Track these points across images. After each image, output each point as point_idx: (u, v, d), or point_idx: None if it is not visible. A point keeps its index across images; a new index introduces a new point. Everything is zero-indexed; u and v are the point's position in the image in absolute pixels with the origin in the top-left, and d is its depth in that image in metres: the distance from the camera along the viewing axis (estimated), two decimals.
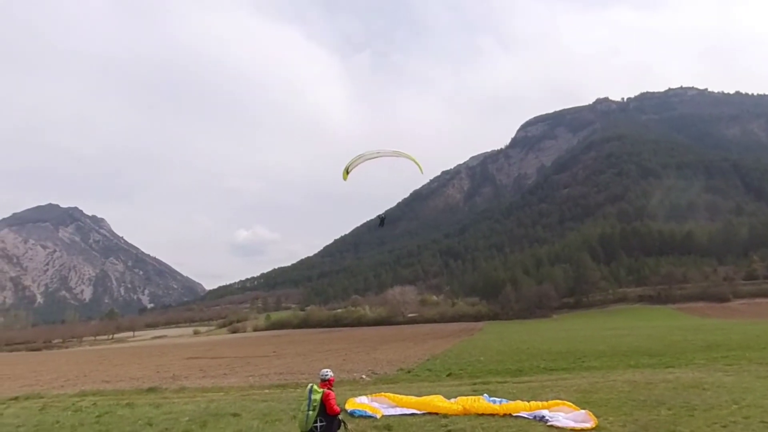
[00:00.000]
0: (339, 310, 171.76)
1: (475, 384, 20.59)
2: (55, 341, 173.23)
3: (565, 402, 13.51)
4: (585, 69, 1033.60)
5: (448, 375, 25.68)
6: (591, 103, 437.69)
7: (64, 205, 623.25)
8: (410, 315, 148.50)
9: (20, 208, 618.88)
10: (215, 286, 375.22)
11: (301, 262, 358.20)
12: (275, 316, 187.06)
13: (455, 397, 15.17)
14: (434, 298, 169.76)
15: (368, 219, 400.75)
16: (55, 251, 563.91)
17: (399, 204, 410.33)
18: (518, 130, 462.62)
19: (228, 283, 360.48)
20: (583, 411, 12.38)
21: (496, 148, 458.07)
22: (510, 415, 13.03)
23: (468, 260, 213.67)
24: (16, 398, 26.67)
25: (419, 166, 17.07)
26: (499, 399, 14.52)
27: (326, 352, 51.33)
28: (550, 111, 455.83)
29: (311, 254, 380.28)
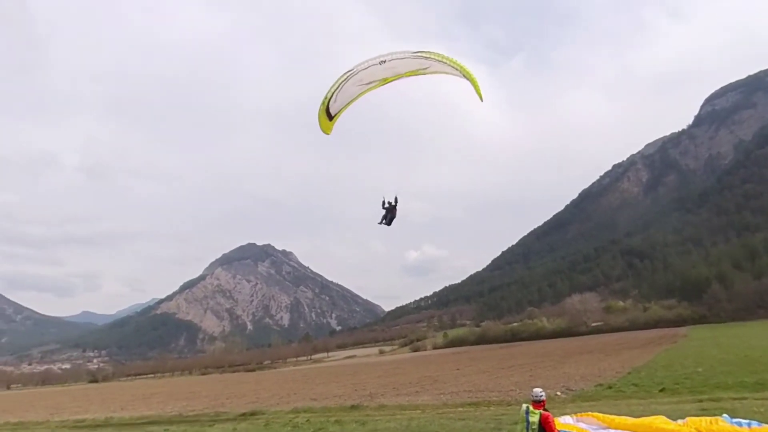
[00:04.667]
0: (515, 324, 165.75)
1: (701, 401, 17.77)
2: (265, 362, 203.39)
3: None
4: None
5: (661, 390, 22.63)
6: None
7: (259, 243, 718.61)
8: (594, 324, 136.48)
9: (228, 249, 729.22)
10: (393, 307, 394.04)
11: (471, 277, 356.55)
12: (452, 333, 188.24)
13: (682, 418, 13.01)
14: (621, 303, 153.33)
15: (535, 226, 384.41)
16: (256, 284, 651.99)
17: (567, 206, 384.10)
18: (702, 105, 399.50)
19: (404, 303, 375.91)
20: None
21: (675, 130, 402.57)
22: None
23: (657, 259, 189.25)
24: (243, 414, 30.96)
25: (476, 88, 13.15)
26: (746, 421, 11.69)
27: (510, 368, 49.59)
28: (743, 76, 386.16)
29: (480, 269, 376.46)
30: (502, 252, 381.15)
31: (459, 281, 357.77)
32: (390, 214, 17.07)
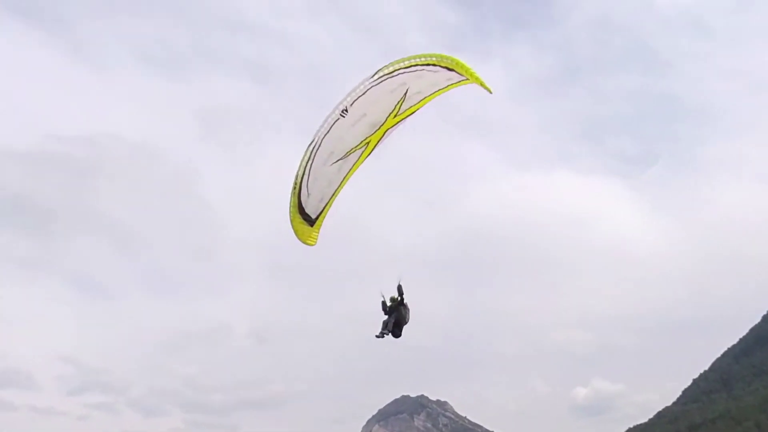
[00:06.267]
0: None
1: None
2: None
3: None
4: None
5: None
6: None
7: (413, 394, 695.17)
8: None
9: (383, 403, 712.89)
10: None
11: (660, 414, 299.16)
12: None
13: None
14: None
15: (728, 346, 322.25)
16: None
17: (765, 316, 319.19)
18: None
19: None
20: None
21: None
22: None
23: None
24: None
25: (476, 79, 9.05)
26: None
27: None
28: None
29: (669, 403, 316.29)
30: (694, 380, 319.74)
31: (646, 420, 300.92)
32: (395, 315, 11.96)
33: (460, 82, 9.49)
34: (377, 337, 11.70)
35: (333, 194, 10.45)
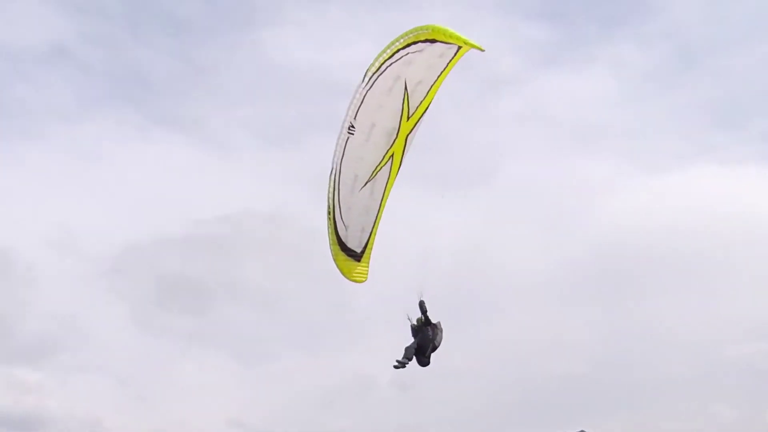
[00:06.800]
0: None
1: None
2: None
3: None
4: None
5: None
6: None
7: (572, 431, 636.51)
8: None
9: None
10: None
11: None
12: None
13: None
14: None
15: None
16: None
17: None
18: None
19: None
20: None
21: None
22: None
23: None
24: None
25: (465, 41, 7.35)
26: None
27: None
28: None
29: None
30: None
31: None
32: (419, 338, 9.77)
33: (454, 56, 8.27)
34: (395, 367, 9.64)
35: (375, 222, 9.54)
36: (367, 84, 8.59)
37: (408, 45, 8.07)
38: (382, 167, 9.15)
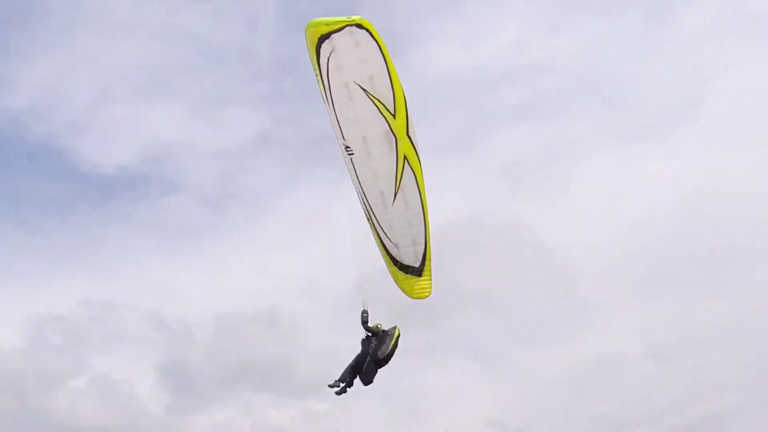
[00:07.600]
0: None
1: None
2: None
3: None
4: None
5: None
6: None
7: None
8: None
9: None
10: None
11: None
12: None
13: None
14: None
15: None
16: None
17: None
18: None
19: None
20: None
21: None
22: None
23: None
24: None
25: (351, 20, 7.28)
26: None
27: None
28: None
29: None
30: None
31: None
32: (362, 353, 8.94)
33: (370, 35, 7.60)
34: (336, 392, 9.28)
35: (425, 231, 8.97)
36: (329, 103, 8.12)
37: (317, 54, 7.55)
38: (402, 174, 8.48)
